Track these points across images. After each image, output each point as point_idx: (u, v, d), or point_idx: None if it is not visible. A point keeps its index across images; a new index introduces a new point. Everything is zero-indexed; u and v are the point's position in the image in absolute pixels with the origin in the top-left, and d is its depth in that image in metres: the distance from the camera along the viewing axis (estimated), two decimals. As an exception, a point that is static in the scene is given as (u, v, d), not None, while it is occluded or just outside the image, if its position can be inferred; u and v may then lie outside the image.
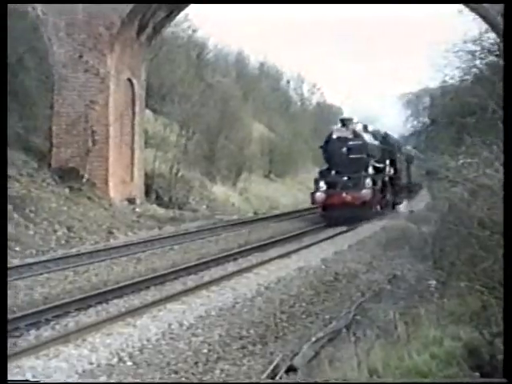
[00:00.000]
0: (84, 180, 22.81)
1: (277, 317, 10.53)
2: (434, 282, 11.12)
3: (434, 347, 7.09)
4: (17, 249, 16.46)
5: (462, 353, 6.83)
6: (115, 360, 8.44)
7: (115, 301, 11.46)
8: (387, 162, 27.49)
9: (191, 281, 13.21)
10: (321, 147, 25.61)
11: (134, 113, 25.38)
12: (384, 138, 28.77)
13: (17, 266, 14.57)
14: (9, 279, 13.04)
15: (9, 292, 12.04)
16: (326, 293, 12.35)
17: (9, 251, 16.05)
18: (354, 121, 25.66)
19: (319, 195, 23.72)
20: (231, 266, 14.82)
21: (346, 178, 24.03)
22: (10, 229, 17.31)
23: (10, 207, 18.30)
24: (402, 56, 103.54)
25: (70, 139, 23.11)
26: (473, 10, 21.61)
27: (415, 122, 39.25)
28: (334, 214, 23.48)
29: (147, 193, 26.60)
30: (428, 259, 13.48)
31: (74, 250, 17.20)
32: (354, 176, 24.02)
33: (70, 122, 23.15)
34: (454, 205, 10.10)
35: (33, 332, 9.60)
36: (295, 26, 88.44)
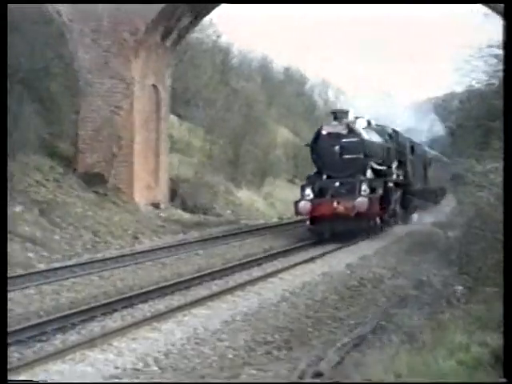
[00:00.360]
0: (109, 185, 22.94)
1: (302, 322, 10.51)
2: (460, 288, 11.05)
3: (460, 353, 7.03)
4: (43, 253, 16.57)
5: (489, 359, 6.77)
6: (141, 365, 8.47)
7: (140, 305, 11.50)
8: (394, 164, 23.40)
9: (216, 286, 13.23)
10: (307, 145, 21.69)
11: (158, 118, 25.48)
12: (391, 136, 24.31)
13: (43, 271, 14.69)
14: (35, 283, 13.22)
15: (35, 296, 12.24)
16: (351, 298, 12.31)
17: (35, 256, 16.22)
18: (351, 113, 21.58)
19: (303, 204, 19.69)
20: (256, 271, 14.82)
21: (337, 184, 20.07)
22: (37, 234, 17.49)
23: (36, 212, 18.48)
24: (427, 58, 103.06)
25: (96, 144, 23.26)
26: (499, 12, 21.45)
27: (441, 126, 39.12)
28: (322, 228, 19.85)
29: (172, 198, 26.67)
30: (454, 264, 13.41)
31: (99, 255, 17.29)
32: (347, 181, 20.09)
33: (95, 127, 23.30)
34: (481, 209, 10.04)
35: (59, 336, 9.66)
36: (316, 28, 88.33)
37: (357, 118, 21.99)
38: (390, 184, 21.76)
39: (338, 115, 21.16)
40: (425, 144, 34.18)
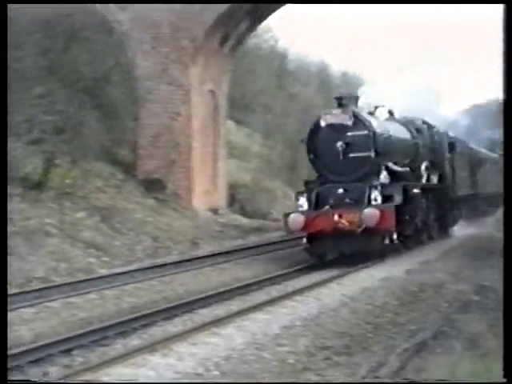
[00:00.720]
0: (168, 191, 23.18)
1: (362, 327, 10.43)
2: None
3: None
4: (104, 259, 16.82)
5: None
6: (201, 369, 8.51)
7: (200, 310, 11.59)
8: (423, 164, 19.43)
9: (275, 290, 13.24)
10: (302, 142, 17.24)
11: (216, 123, 25.65)
12: (419, 130, 20.02)
13: (105, 276, 14.91)
14: (97, 288, 13.43)
15: (98, 301, 12.42)
16: (411, 303, 12.17)
17: (97, 261, 16.48)
18: (361, 100, 17.69)
19: (294, 218, 15.80)
20: (315, 276, 14.78)
21: (340, 191, 16.12)
22: (99, 239, 17.77)
23: (97, 218, 18.78)
24: (487, 60, 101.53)
25: (155, 151, 23.54)
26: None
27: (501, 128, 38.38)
28: (321, 248, 16.18)
29: (230, 203, 26.80)
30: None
31: (159, 260, 17.47)
32: (354, 187, 16.17)
33: (154, 133, 23.59)
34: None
35: (121, 341, 9.79)
36: (374, 32, 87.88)
37: (376, 107, 18.59)
38: (415, 190, 17.25)
39: (344, 101, 16.71)
40: (480, 145, 32.60)
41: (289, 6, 25.48)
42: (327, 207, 15.87)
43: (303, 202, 16.27)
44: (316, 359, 8.89)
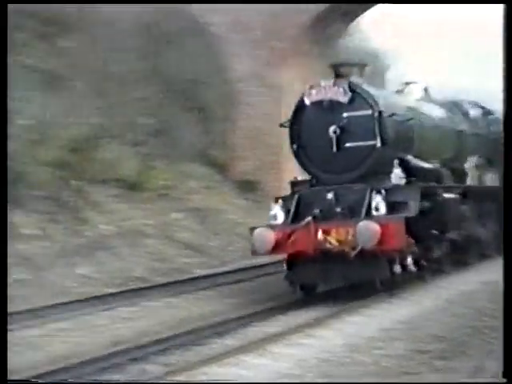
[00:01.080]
0: (260, 192, 23.27)
1: (459, 331, 10.25)
2: None
3: None
4: (200, 259, 17.07)
5: None
6: (297, 370, 8.53)
7: (295, 312, 11.64)
8: (471, 160, 15.01)
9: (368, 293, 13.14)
10: (283, 126, 13.37)
11: (308, 125, 25.55)
12: (467, 116, 15.86)
13: (201, 277, 15.14)
14: (194, 289, 13.67)
15: (195, 302, 12.63)
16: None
17: (193, 261, 16.74)
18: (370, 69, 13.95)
19: (261, 235, 11.68)
20: (410, 278, 14.58)
21: (330, 196, 11.75)
22: (193, 239, 18.05)
23: (193, 219, 19.10)
24: None
25: (247, 152, 23.68)
26: None
27: None
28: (304, 276, 12.12)
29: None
30: None
31: (253, 261, 17.55)
32: (348, 191, 11.96)
33: (246, 135, 23.72)
34: None
35: (216, 341, 9.91)
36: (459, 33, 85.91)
37: (407, 83, 14.67)
38: (447, 194, 13.02)
39: (343, 71, 12.19)
40: None
41: (379, 6, 25.37)
42: (308, 219, 11.42)
43: (277, 211, 12.09)
44: (413, 363, 8.76)
